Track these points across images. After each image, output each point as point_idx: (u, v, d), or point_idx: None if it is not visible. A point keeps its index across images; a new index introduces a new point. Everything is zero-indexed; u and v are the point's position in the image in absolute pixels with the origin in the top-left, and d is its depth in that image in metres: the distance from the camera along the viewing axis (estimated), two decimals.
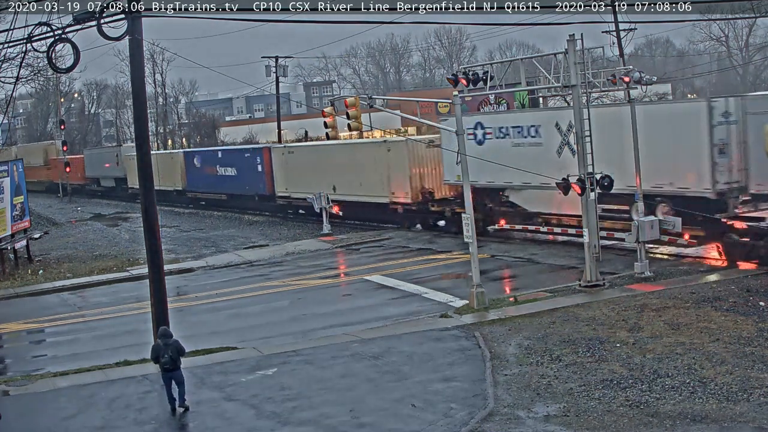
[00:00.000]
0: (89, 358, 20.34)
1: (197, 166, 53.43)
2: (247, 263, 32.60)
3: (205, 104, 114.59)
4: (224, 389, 16.68)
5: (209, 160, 52.30)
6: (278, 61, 59.95)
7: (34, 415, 16.26)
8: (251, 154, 47.66)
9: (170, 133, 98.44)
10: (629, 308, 19.98)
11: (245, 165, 47.64)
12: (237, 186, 48.49)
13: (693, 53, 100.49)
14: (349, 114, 23.35)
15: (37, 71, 38.60)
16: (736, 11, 63.13)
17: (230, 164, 49.40)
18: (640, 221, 23.40)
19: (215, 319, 24.00)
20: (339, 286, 27.92)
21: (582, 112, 22.63)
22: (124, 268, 32.70)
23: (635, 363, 16.04)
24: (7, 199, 33.44)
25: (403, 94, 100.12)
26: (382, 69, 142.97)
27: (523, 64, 25.97)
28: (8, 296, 29.55)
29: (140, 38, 18.77)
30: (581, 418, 13.67)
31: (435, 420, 14.05)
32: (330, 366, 17.62)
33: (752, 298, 20.04)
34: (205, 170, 52.40)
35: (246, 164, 47.53)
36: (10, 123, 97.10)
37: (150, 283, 19.85)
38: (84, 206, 63.70)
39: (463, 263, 27.24)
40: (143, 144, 19.75)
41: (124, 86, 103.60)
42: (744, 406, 13.57)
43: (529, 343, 17.98)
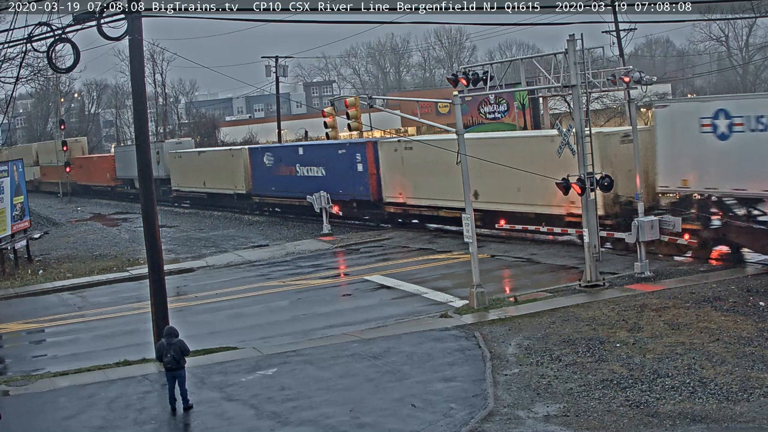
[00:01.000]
0: (89, 358, 20.35)
1: (268, 165, 45.53)
2: (248, 263, 32.60)
3: (205, 104, 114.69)
4: (224, 389, 16.69)
5: (286, 157, 44.09)
6: (278, 61, 60.00)
7: (34, 415, 16.26)
8: (348, 151, 39.25)
9: (170, 133, 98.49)
10: (629, 308, 19.98)
11: (338, 164, 39.59)
12: (325, 189, 39.03)
13: (693, 53, 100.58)
14: (349, 114, 23.36)
15: (37, 71, 38.65)
16: (736, 11, 63.24)
17: (316, 163, 41.40)
18: (640, 221, 23.42)
19: (215, 319, 24.01)
20: (339, 286, 27.92)
21: (581, 112, 22.65)
22: (124, 268, 32.70)
23: (635, 363, 16.04)
24: (7, 199, 33.44)
25: (403, 94, 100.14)
26: (382, 69, 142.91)
27: (523, 64, 25.97)
28: (8, 296, 29.56)
29: (140, 38, 18.78)
30: (581, 418, 13.67)
31: (435, 420, 14.05)
32: (330, 366, 17.62)
33: (752, 298, 20.04)
34: (278, 170, 44.40)
35: (339, 163, 39.53)
36: (10, 123, 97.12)
37: (150, 283, 19.86)
38: (84, 206, 63.66)
39: (463, 263, 27.25)
40: (143, 144, 19.75)
41: (124, 86, 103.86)
42: (744, 406, 13.58)
43: (529, 343, 17.98)
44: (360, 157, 38.12)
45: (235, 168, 48.39)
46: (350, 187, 38.76)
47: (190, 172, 53.91)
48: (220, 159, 50.80)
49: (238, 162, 47.99)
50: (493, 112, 58.24)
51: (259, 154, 46.87)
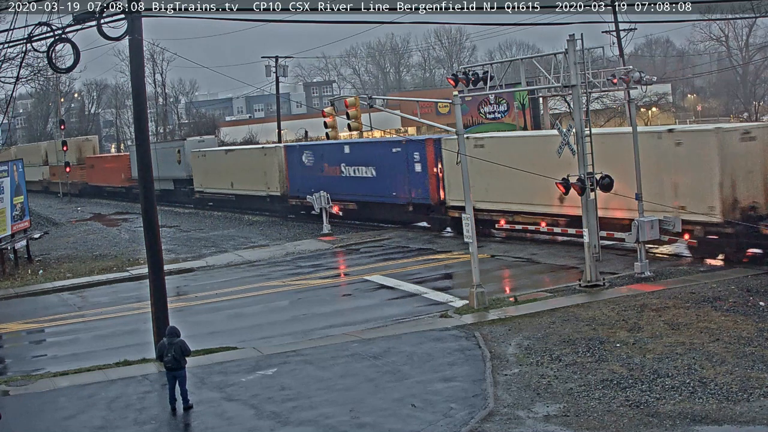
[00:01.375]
0: (89, 358, 20.35)
1: (307, 164, 42.00)
2: (248, 263, 32.60)
3: (205, 104, 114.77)
4: (224, 389, 16.69)
5: (329, 156, 40.41)
6: (278, 61, 60.03)
7: (34, 415, 16.26)
8: (404, 149, 35.88)
9: (170, 133, 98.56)
10: (629, 308, 19.98)
11: (392, 164, 36.32)
12: (375, 191, 36.98)
13: (693, 53, 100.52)
14: (349, 114, 23.38)
15: (37, 71, 38.62)
16: (736, 11, 63.22)
17: (365, 162, 38.07)
18: (640, 221, 23.41)
19: (215, 319, 24.01)
20: (339, 286, 27.92)
21: (581, 112, 22.65)
22: (124, 268, 32.70)
23: (635, 363, 16.04)
24: (7, 199, 33.45)
25: (403, 94, 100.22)
26: (382, 69, 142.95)
27: (523, 64, 25.98)
28: (8, 296, 29.55)
29: (140, 38, 18.79)
30: (581, 418, 13.67)
31: (435, 420, 14.05)
32: (330, 366, 17.62)
33: (752, 298, 20.04)
34: (320, 170, 40.79)
35: (393, 163, 36.24)
36: (10, 123, 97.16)
37: (150, 283, 19.86)
38: (84, 206, 63.66)
39: (463, 263, 27.25)
40: (143, 144, 19.76)
41: (124, 86, 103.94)
42: (744, 406, 13.58)
43: (529, 343, 17.98)
44: (418, 156, 34.91)
45: (268, 168, 44.61)
46: (406, 189, 35.68)
47: (216, 172, 50.45)
48: (250, 158, 46.93)
49: (272, 161, 44.55)
50: (493, 112, 58.25)
51: (296, 152, 43.12)
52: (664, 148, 25.13)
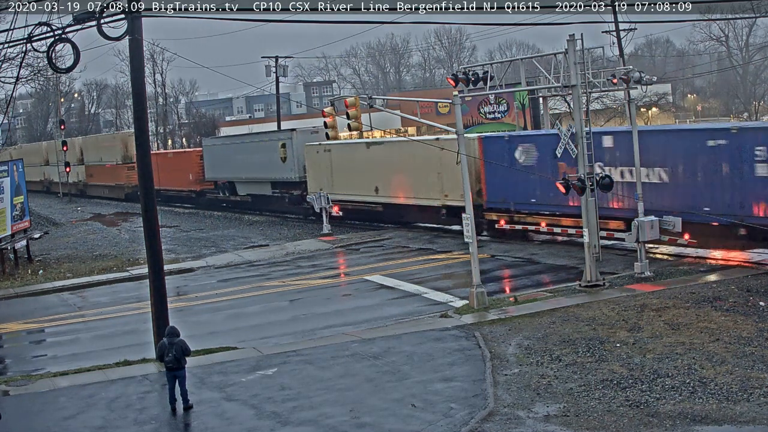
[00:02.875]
0: (89, 358, 20.35)
1: (523, 163, 29.92)
2: (248, 263, 32.60)
3: (205, 104, 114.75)
4: (224, 389, 16.68)
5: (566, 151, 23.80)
6: (278, 61, 60.04)
7: (34, 415, 16.26)
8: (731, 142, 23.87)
9: (170, 133, 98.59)
10: (629, 308, 19.98)
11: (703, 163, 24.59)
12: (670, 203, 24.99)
13: (693, 53, 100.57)
14: (349, 114, 23.39)
15: (37, 71, 38.59)
16: (736, 11, 63.22)
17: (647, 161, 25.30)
18: (640, 221, 23.41)
19: (215, 319, 24.01)
20: (339, 286, 27.92)
21: (581, 112, 22.64)
22: (124, 268, 32.70)
23: (635, 363, 16.04)
24: (7, 199, 33.45)
25: (403, 94, 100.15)
26: (382, 69, 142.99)
27: (523, 64, 25.98)
28: (8, 296, 29.55)
29: (140, 38, 18.78)
30: (581, 418, 13.67)
31: (435, 420, 14.05)
32: (330, 366, 17.62)
33: (752, 298, 20.04)
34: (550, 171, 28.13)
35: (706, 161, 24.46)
36: (10, 123, 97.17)
37: (150, 283, 19.85)
38: (84, 206, 63.66)
39: (463, 263, 27.25)
40: (143, 144, 19.75)
41: (124, 86, 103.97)
42: (744, 406, 13.57)
43: (529, 343, 17.98)
44: (763, 153, 23.02)
45: (444, 167, 32.49)
46: (729, 201, 23.90)
47: (345, 173, 39.01)
48: (412, 154, 34.50)
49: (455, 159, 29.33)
50: (493, 112, 58.25)
51: (503, 145, 31.08)
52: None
